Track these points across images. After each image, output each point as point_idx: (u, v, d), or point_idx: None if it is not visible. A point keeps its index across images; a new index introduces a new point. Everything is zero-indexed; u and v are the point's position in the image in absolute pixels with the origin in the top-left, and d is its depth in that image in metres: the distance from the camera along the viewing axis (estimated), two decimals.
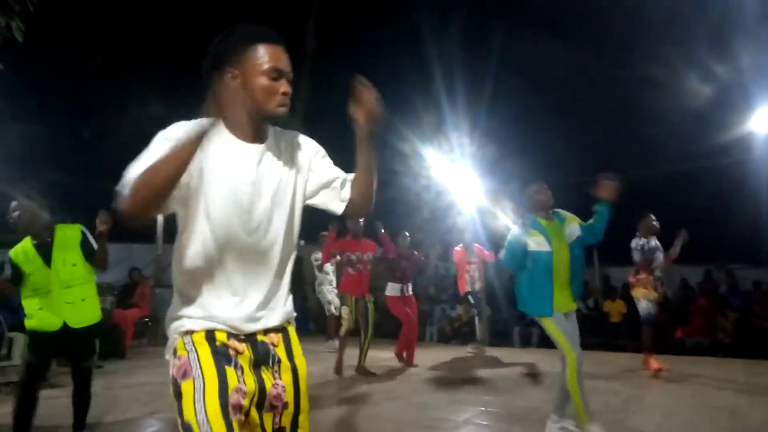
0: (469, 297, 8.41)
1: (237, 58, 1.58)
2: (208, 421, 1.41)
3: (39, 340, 3.80)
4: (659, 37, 12.39)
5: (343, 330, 6.58)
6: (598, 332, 10.25)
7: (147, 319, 10.14)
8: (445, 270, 13.18)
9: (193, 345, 1.53)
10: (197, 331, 1.55)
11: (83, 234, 3.96)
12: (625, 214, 6.53)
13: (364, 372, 6.62)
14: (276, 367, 1.61)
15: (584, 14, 12.78)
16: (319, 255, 8.53)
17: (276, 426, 1.60)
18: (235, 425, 1.45)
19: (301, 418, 1.64)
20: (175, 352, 1.57)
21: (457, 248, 8.41)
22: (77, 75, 10.72)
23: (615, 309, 10.75)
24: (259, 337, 1.61)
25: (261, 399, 1.56)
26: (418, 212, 13.56)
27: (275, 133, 1.71)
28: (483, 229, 9.12)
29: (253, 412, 1.55)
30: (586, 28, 13.05)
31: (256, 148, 1.63)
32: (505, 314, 10.72)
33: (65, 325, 3.79)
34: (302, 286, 11.78)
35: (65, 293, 3.81)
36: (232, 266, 1.57)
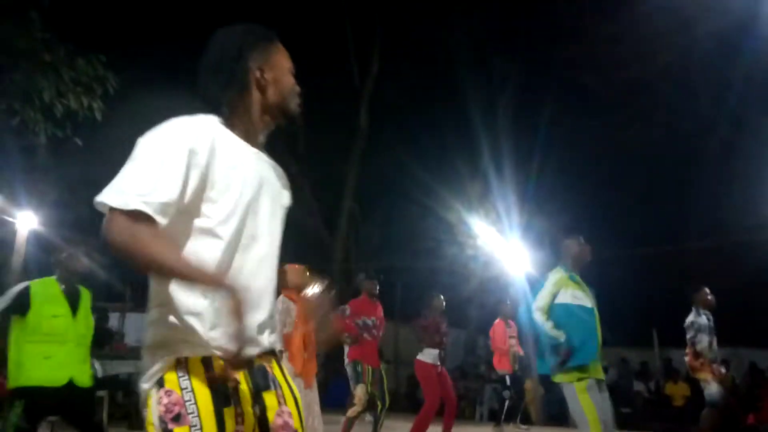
0: (507, 378, 7.76)
1: (264, 56, 1.52)
2: None
3: (37, 397, 3.36)
4: (712, 111, 12.31)
5: (355, 411, 5.63)
6: (661, 417, 9.64)
7: None
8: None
9: (191, 383, 1.32)
10: (193, 358, 1.34)
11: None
12: (685, 291, 6.24)
13: None
14: (279, 392, 1.45)
15: (636, 89, 12.89)
16: None
17: None
18: None
19: None
20: (162, 382, 1.33)
21: (497, 322, 7.91)
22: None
23: (678, 392, 10.13)
24: (256, 361, 1.43)
25: None
26: (465, 283, 13.40)
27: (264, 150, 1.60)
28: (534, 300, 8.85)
29: None
30: (637, 102, 13.12)
31: (258, 154, 1.52)
32: (560, 393, 10.24)
33: (71, 382, 3.45)
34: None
35: (79, 350, 3.61)
36: (242, 278, 1.40)
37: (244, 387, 1.38)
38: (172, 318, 1.33)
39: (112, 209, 1.25)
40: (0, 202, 8.94)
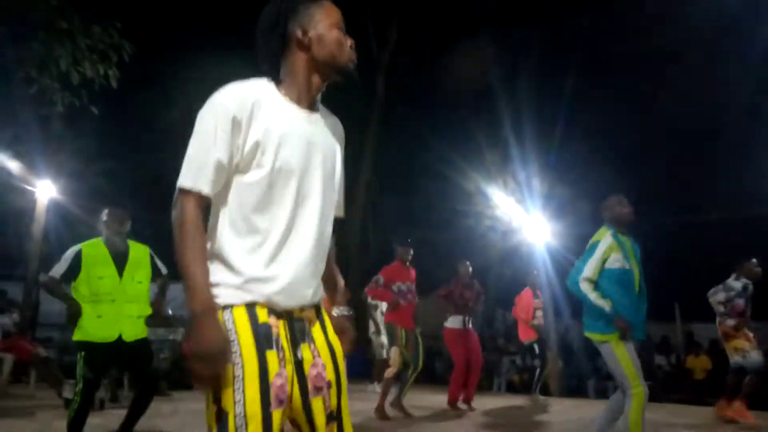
0: (534, 346, 7.77)
1: (306, 15, 1.57)
2: (245, 414, 1.38)
3: (94, 351, 3.74)
4: (738, 81, 11.92)
5: (391, 372, 5.93)
6: (680, 389, 9.57)
7: None
8: (514, 320, 12.77)
9: (235, 326, 1.43)
10: (238, 306, 1.45)
11: (152, 256, 4.08)
12: (709, 265, 6.09)
13: (400, 409, 6.06)
14: (313, 346, 1.53)
15: (660, 58, 12.51)
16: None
17: (328, 410, 1.51)
18: (275, 416, 1.40)
19: (344, 398, 1.56)
20: None
21: (525, 291, 7.87)
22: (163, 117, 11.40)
23: (699, 365, 10.03)
24: (296, 314, 1.52)
25: (301, 382, 1.48)
26: (483, 253, 13.27)
27: (323, 110, 1.66)
28: (554, 272, 8.76)
29: (296, 398, 1.47)
30: (660, 72, 12.74)
31: (308, 115, 1.57)
32: (580, 367, 10.28)
33: (120, 338, 3.76)
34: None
35: (127, 307, 3.83)
36: (288, 235, 1.50)
37: (284, 337, 1.48)
38: (222, 268, 1.47)
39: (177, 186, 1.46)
40: (20, 170, 9.04)
